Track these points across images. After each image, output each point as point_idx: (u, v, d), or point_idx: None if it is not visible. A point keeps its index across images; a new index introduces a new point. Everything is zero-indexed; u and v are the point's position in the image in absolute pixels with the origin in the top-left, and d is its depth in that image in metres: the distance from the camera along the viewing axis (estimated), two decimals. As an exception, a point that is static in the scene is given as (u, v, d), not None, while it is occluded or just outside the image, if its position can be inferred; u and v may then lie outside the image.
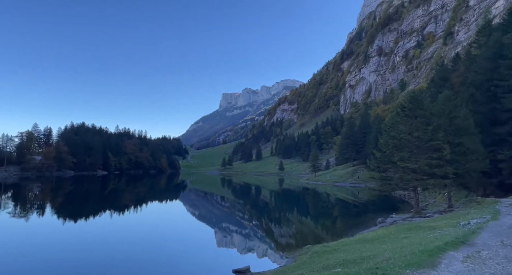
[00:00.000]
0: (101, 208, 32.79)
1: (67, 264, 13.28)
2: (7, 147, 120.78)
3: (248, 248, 17.62)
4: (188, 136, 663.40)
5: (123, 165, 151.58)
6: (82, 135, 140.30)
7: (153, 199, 43.84)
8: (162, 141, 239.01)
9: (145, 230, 21.25)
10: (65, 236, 18.93)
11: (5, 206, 32.91)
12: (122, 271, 12.44)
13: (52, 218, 25.96)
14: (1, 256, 14.54)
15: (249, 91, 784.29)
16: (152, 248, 16.21)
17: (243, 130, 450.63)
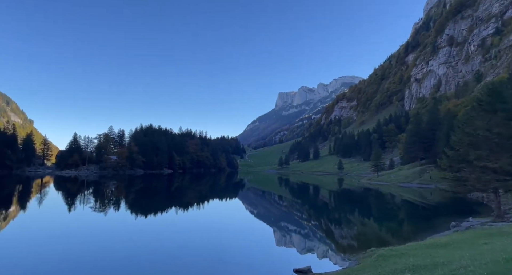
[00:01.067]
0: (167, 204, 35.14)
1: (134, 256, 14.48)
2: (88, 147, 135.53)
3: (308, 248, 17.39)
4: (245, 136, 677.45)
5: (186, 164, 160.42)
6: (150, 136, 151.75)
7: (214, 197, 45.68)
8: (221, 141, 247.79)
9: (207, 227, 22.18)
10: (136, 230, 20.61)
11: (88, 201, 37.04)
12: (184, 268, 13.11)
13: (126, 212, 28.49)
14: (83, 246, 16.35)
15: (305, 90, 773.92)
16: (213, 245, 16.86)
17: (300, 129, 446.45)
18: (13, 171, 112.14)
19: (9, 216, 25.50)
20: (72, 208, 30.40)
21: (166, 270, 12.47)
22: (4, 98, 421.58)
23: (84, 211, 28.30)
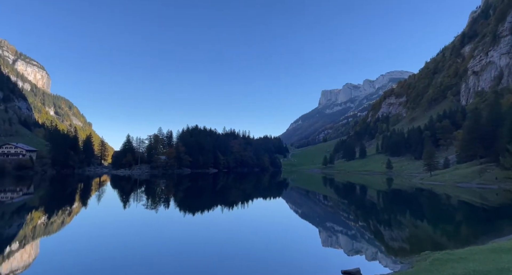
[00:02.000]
0: (214, 202, 36.12)
1: (182, 251, 15.03)
2: (139, 148, 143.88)
3: (356, 250, 16.80)
4: (288, 135, 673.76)
5: (230, 163, 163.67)
6: (196, 136, 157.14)
7: (258, 196, 46.03)
8: (264, 140, 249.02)
9: (252, 225, 22.38)
10: (184, 227, 21.42)
11: (140, 199, 39.31)
12: (232, 266, 13.30)
13: (175, 210, 29.76)
14: (135, 240, 17.35)
15: (350, 87, 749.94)
16: (259, 244, 16.95)
17: (344, 128, 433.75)
18: (75, 170, 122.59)
19: (73, 212, 27.93)
20: (127, 205, 32.46)
21: (212, 267, 12.79)
22: (67, 103, 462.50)
23: (137, 208, 30.05)
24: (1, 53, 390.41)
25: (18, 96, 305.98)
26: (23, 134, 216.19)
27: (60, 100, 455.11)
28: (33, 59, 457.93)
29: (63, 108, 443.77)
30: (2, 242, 16.61)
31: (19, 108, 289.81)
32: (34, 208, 30.55)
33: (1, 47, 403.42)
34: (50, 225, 21.22)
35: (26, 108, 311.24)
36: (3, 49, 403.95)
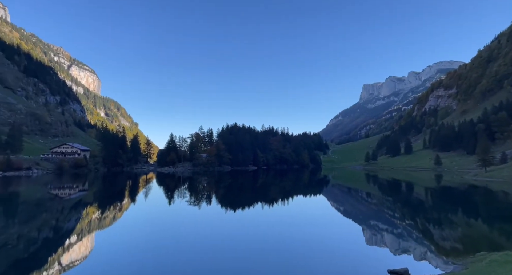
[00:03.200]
0: (254, 199, 36.49)
1: (224, 248, 15.34)
2: (182, 146, 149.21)
3: (403, 249, 16.07)
4: (328, 131, 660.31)
5: (269, 161, 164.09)
6: (235, 134, 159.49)
7: (298, 193, 45.69)
8: (303, 137, 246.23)
9: (294, 223, 22.27)
10: (226, 224, 21.87)
11: (184, 195, 40.82)
12: (275, 264, 13.35)
13: (217, 206, 30.51)
14: (179, 235, 18.01)
15: (394, 80, 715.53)
16: (303, 242, 16.85)
17: (388, 123, 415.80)
18: (124, 168, 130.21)
19: (123, 207, 29.73)
20: (172, 201, 33.88)
21: (256, 263, 12.94)
22: (115, 105, 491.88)
23: (181, 204, 31.24)
24: (57, 59, 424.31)
25: (73, 100, 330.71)
26: (77, 135, 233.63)
27: (110, 102, 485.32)
28: (85, 64, 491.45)
29: (112, 110, 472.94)
30: (63, 234, 18.15)
31: (74, 110, 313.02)
32: (89, 204, 32.95)
33: (57, 54, 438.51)
34: (103, 219, 22.77)
35: (80, 110, 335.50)
36: (59, 56, 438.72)
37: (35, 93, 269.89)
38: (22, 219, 22.93)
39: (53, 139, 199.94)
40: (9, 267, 12.52)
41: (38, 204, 32.12)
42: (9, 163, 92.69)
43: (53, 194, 41.53)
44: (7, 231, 18.50)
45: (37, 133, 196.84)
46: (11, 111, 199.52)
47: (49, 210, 27.91)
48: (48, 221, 22.02)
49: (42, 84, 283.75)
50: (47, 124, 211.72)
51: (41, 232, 18.44)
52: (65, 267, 12.46)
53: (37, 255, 14.12)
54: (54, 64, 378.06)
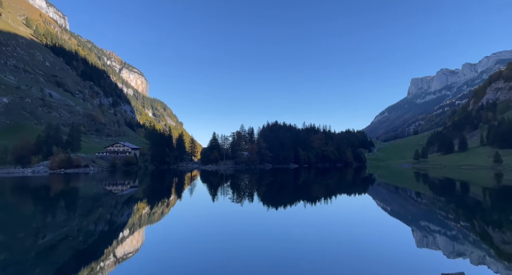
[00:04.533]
0: (296, 197, 36.22)
1: (265, 247, 15.37)
2: (224, 144, 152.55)
3: (458, 252, 14.96)
4: (373, 128, 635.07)
5: (311, 159, 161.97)
6: (276, 132, 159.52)
7: (342, 192, 44.52)
8: (346, 134, 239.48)
9: (339, 222, 21.74)
10: (268, 222, 21.92)
11: (226, 192, 41.70)
12: (319, 266, 13.14)
13: (259, 204, 30.74)
14: (223, 232, 18.37)
15: (446, 72, 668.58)
16: (349, 241, 16.41)
17: (439, 118, 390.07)
18: (170, 165, 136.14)
19: (170, 203, 31.11)
20: (215, 198, 34.78)
21: (302, 264, 12.84)
22: (162, 105, 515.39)
23: (225, 201, 31.95)
24: (110, 63, 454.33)
25: (123, 101, 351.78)
26: (128, 134, 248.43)
27: (157, 102, 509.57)
28: (134, 67, 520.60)
29: (159, 110, 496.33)
30: (116, 228, 19.42)
31: (124, 111, 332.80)
32: (139, 200, 34.92)
33: (110, 58, 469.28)
34: (153, 214, 23.99)
35: (130, 111, 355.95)
36: (111, 60, 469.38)
37: (91, 96, 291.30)
38: (81, 213, 24.93)
39: (106, 138, 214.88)
40: (71, 257, 13.68)
41: (95, 199, 34.73)
42: (69, 161, 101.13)
43: (108, 190, 44.66)
44: (69, 224, 20.23)
45: (93, 133, 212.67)
46: (70, 113, 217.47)
47: (104, 205, 30.04)
48: (104, 215, 23.69)
49: (97, 87, 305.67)
50: (102, 125, 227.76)
51: (98, 225, 19.89)
52: (119, 259, 13.32)
53: (94, 246, 15.27)
54: (107, 68, 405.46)
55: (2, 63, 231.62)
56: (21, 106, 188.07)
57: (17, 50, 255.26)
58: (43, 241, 15.89)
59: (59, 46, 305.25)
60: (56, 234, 17.32)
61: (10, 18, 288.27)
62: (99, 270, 12.03)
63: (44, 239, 16.29)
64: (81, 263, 12.79)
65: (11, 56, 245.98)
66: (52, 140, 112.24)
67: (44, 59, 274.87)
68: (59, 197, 37.60)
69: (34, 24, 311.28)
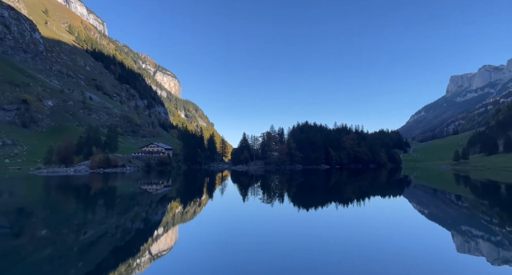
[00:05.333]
0: (327, 198, 35.59)
1: (297, 248, 15.17)
2: (254, 145, 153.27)
3: (504, 259, 13.97)
4: (408, 128, 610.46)
5: (343, 159, 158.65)
6: (306, 133, 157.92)
7: (375, 193, 43.13)
8: (380, 135, 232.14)
9: (372, 225, 21.08)
10: (299, 223, 21.69)
11: (257, 193, 41.83)
12: (356, 270, 12.82)
13: (289, 205, 30.54)
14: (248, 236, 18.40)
15: (489, 69, 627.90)
16: (383, 245, 15.87)
17: (482, 117, 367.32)
18: (202, 166, 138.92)
19: (202, 202, 31.73)
20: (246, 198, 35.01)
21: (339, 268, 12.58)
22: (194, 106, 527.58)
23: (255, 201, 32.07)
24: (145, 67, 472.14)
25: (157, 103, 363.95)
26: (162, 135, 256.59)
27: (189, 104, 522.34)
28: (167, 70, 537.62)
29: (191, 111, 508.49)
30: (151, 226, 20.10)
31: (158, 112, 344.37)
32: (172, 199, 35.94)
33: (145, 62, 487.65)
34: (185, 213, 24.59)
35: (163, 112, 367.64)
36: (146, 64, 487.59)
37: (127, 98, 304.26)
38: (119, 211, 26.07)
39: (141, 138, 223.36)
40: (109, 253, 14.34)
41: (131, 198, 36.19)
42: (107, 161, 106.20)
43: (143, 189, 46.40)
44: (107, 221, 21.23)
45: (129, 134, 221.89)
46: (108, 115, 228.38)
47: (140, 203, 31.22)
48: (139, 214, 24.62)
49: (133, 90, 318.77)
50: (137, 126, 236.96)
51: (134, 223, 20.70)
52: (154, 256, 13.77)
53: (131, 243, 15.90)
54: (142, 71, 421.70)
55: (48, 69, 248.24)
56: (64, 109, 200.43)
57: (61, 56, 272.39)
58: (84, 238, 16.79)
59: (98, 51, 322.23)
60: (96, 231, 18.23)
61: (55, 26, 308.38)
62: (136, 267, 12.50)
63: (85, 236, 17.20)
64: (119, 259, 13.36)
65: (56, 62, 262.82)
66: (92, 141, 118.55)
67: (85, 64, 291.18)
68: (99, 196, 39.60)
69: (76, 30, 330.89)
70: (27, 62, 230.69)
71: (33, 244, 15.81)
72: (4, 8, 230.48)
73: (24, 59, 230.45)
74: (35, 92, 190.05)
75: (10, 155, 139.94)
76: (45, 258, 13.55)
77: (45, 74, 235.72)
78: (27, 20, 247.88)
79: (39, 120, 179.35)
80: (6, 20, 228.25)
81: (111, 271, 12.00)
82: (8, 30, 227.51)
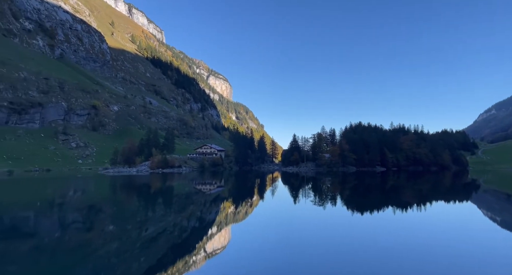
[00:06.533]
0: (384, 202, 33.81)
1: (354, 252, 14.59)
2: (304, 146, 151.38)
3: None
4: (476, 128, 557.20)
5: (400, 161, 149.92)
6: (360, 133, 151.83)
7: (438, 198, 39.94)
8: (443, 135, 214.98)
9: (435, 234, 19.59)
10: (353, 228, 20.91)
11: (308, 195, 41.25)
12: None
13: (342, 208, 29.60)
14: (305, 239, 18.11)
15: None
16: (452, 254, 14.67)
17: None
18: (253, 167, 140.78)
19: (253, 203, 32.15)
20: (297, 200, 34.73)
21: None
22: (244, 108, 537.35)
23: (306, 203, 31.65)
24: (199, 71, 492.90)
25: (210, 106, 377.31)
26: (214, 136, 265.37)
27: (240, 106, 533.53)
28: (219, 74, 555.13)
29: (241, 113, 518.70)
30: (206, 225, 20.88)
31: (211, 115, 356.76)
32: (225, 199, 36.96)
33: (198, 66, 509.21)
34: (237, 213, 25.13)
35: (216, 115, 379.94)
36: (200, 69, 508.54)
37: (183, 102, 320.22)
38: (176, 209, 27.50)
39: (196, 140, 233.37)
40: (168, 249, 15.19)
41: (187, 197, 37.98)
42: (165, 162, 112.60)
43: (198, 189, 48.44)
44: (166, 219, 22.51)
45: (184, 136, 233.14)
46: (166, 118, 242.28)
47: (195, 202, 32.61)
48: (195, 212, 25.71)
49: (188, 94, 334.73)
50: (192, 128, 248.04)
51: (190, 221, 21.68)
52: (209, 255, 14.28)
53: (187, 241, 16.68)
54: (196, 75, 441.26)
55: (113, 76, 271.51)
56: (128, 113, 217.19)
57: (125, 64, 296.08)
58: (146, 234, 17.99)
59: (157, 58, 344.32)
60: (156, 228, 19.44)
61: (120, 36, 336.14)
62: (192, 264, 13.09)
63: (146, 232, 18.43)
64: (176, 256, 14.10)
65: (120, 70, 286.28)
66: (151, 143, 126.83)
67: (145, 70, 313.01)
68: (158, 194, 42.21)
69: (137, 40, 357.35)
70: (96, 71, 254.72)
71: (102, 238, 17.37)
72: (78, 22, 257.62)
73: (94, 68, 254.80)
74: (103, 98, 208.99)
75: (82, 156, 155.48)
76: (112, 251, 14.80)
77: (111, 81, 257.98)
78: (96, 32, 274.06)
79: (106, 124, 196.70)
80: (79, 33, 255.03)
81: (169, 267, 12.71)
82: (81, 42, 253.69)
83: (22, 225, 21.03)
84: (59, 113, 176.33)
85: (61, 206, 30.67)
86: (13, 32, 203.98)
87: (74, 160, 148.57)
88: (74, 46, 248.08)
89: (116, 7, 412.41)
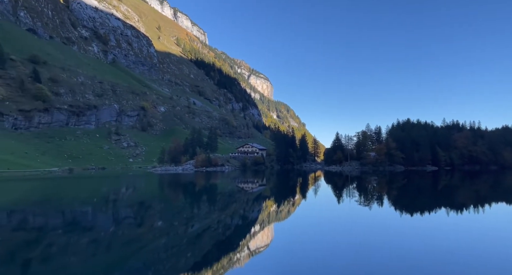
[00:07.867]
0: (435, 204, 31.73)
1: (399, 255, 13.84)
2: (348, 145, 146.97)
3: None
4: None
5: (454, 160, 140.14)
6: (408, 131, 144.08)
7: (499, 200, 36.60)
8: (503, 132, 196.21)
9: (493, 238, 18.01)
10: (402, 229, 19.88)
11: (353, 194, 40.01)
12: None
13: (390, 208, 28.27)
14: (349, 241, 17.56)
15: None
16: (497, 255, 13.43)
17: None
18: (294, 166, 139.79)
19: (295, 202, 31.94)
20: (341, 200, 33.84)
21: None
22: (285, 107, 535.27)
23: (351, 204, 30.72)
24: (240, 71, 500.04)
25: (251, 105, 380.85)
26: (256, 135, 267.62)
27: (280, 105, 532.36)
28: (260, 73, 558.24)
29: (282, 112, 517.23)
30: (249, 223, 21.12)
31: (252, 114, 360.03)
32: (267, 197, 37.10)
33: (240, 67, 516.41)
34: (280, 212, 25.10)
35: (257, 114, 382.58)
36: (241, 68, 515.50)
37: (225, 102, 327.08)
38: (220, 207, 28.17)
39: (237, 139, 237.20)
40: (213, 246, 15.60)
41: (230, 195, 38.74)
42: (209, 160, 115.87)
43: (240, 187, 49.19)
44: (210, 216, 23.15)
45: (226, 135, 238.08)
46: (209, 118, 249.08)
47: (238, 200, 33.15)
48: (238, 210, 26.13)
49: (229, 94, 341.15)
50: (233, 128, 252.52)
51: (233, 219, 22.08)
52: (253, 252, 14.42)
53: (231, 238, 17.00)
54: (238, 75, 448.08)
55: (160, 79, 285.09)
56: (173, 114, 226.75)
57: (170, 66, 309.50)
58: (192, 230, 18.64)
59: (200, 60, 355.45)
60: (202, 225, 20.06)
61: (166, 39, 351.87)
62: (236, 261, 13.31)
63: (192, 228, 19.10)
64: (221, 253, 14.43)
65: (166, 72, 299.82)
66: (195, 142, 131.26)
67: (189, 72, 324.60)
68: (203, 192, 43.57)
69: (182, 42, 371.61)
70: (144, 74, 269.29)
71: (152, 233, 18.31)
72: (128, 28, 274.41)
73: (142, 71, 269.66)
74: (151, 99, 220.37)
75: (133, 155, 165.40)
76: (161, 246, 15.54)
77: (158, 83, 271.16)
78: (145, 37, 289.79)
79: (154, 124, 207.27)
80: (129, 39, 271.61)
81: (215, 263, 13.05)
82: (131, 47, 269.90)
83: (82, 219, 22.89)
84: (112, 114, 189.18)
85: (115, 202, 32.88)
86: (72, 40, 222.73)
87: (125, 158, 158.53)
88: (125, 51, 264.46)
89: (162, 12, 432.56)
